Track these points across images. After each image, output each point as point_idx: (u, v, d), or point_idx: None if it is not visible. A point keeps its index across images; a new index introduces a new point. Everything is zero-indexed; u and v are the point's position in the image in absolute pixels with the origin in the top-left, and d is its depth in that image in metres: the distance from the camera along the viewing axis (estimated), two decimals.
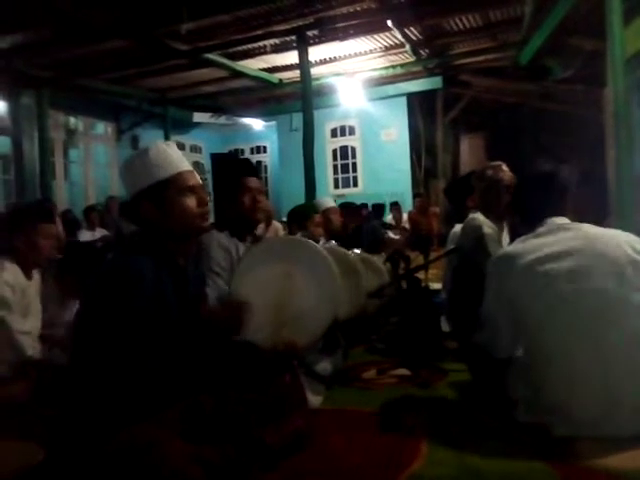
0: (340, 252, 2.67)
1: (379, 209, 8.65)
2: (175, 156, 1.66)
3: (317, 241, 3.14)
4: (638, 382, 1.73)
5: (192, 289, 1.67)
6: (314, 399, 2.26)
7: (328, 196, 9.20)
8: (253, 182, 2.29)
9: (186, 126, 11.21)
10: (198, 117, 10.79)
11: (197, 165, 12.21)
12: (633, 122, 5.31)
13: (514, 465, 1.72)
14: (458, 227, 3.23)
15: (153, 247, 1.61)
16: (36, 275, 2.54)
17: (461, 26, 6.93)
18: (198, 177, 1.71)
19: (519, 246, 1.96)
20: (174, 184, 1.61)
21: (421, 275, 3.59)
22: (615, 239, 1.87)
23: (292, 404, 1.88)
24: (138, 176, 1.61)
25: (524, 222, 2.06)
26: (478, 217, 2.81)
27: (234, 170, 2.31)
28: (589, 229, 1.93)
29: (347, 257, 2.66)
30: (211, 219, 1.78)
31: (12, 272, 2.36)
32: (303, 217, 3.34)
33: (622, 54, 4.28)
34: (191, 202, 1.63)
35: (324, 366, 2.47)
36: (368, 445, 1.95)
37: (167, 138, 9.92)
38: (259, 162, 12.64)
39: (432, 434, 1.97)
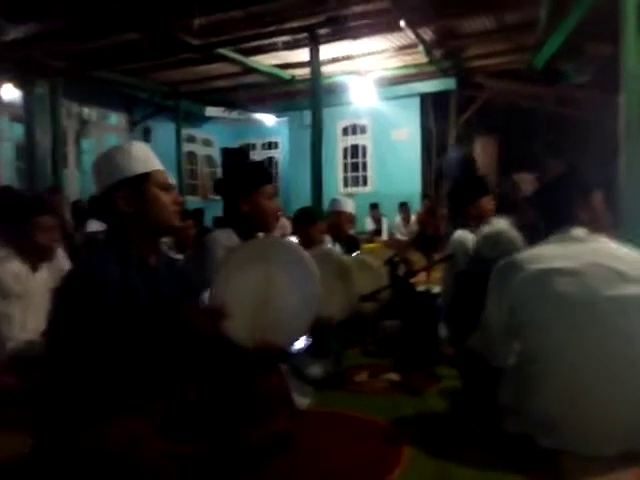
0: (329, 255, 2.67)
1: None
2: (153, 155, 1.67)
3: (317, 245, 3.13)
4: (631, 403, 1.71)
5: (166, 289, 1.66)
6: (302, 401, 2.27)
7: (339, 195, 9.25)
8: (270, 189, 2.29)
9: (198, 120, 11.25)
10: (210, 111, 10.82)
11: (208, 159, 12.27)
12: None
13: (493, 477, 1.71)
14: (459, 233, 3.20)
15: (122, 246, 1.59)
16: (44, 268, 2.51)
17: (475, 28, 6.86)
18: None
19: (525, 254, 1.93)
20: (154, 179, 1.62)
21: (422, 278, 3.57)
22: (632, 260, 1.83)
23: (277, 405, 1.88)
24: (117, 168, 1.59)
25: (546, 227, 2.02)
26: (508, 230, 2.76)
27: (251, 175, 2.30)
28: (604, 245, 1.89)
29: (338, 260, 2.65)
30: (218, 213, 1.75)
31: (16, 264, 2.36)
32: (308, 220, 3.32)
33: (636, 60, 4.22)
34: (168, 198, 1.64)
35: (314, 369, 2.48)
36: (352, 449, 1.96)
37: (179, 131, 9.98)
38: (270, 158, 12.65)
39: (416, 441, 1.97)
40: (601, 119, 7.90)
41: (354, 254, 3.54)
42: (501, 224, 2.85)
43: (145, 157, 1.63)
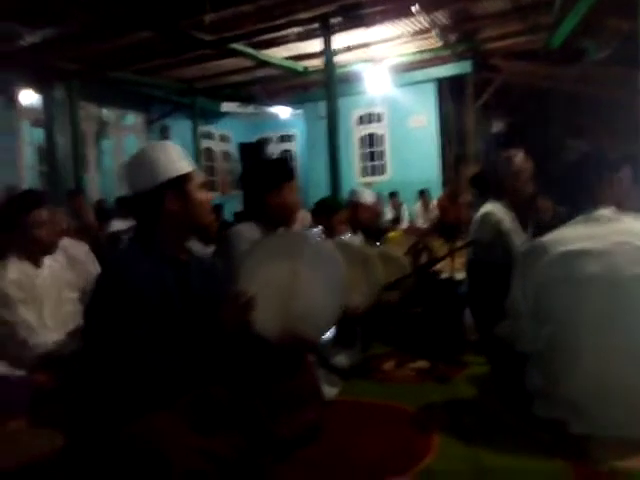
0: (351, 245, 2.66)
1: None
2: (186, 155, 1.72)
3: (338, 236, 3.13)
4: None
5: (197, 284, 1.69)
6: (330, 390, 2.28)
7: (357, 184, 9.20)
8: (295, 184, 2.35)
9: (214, 116, 11.29)
10: (226, 107, 10.85)
11: (226, 154, 12.31)
12: None
13: (526, 462, 1.70)
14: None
15: (154, 242, 1.63)
16: (48, 261, 2.47)
17: (490, 9, 6.74)
18: None
19: (551, 237, 1.90)
20: (194, 178, 1.69)
21: (447, 265, 3.54)
22: None
23: (305, 396, 1.89)
24: (162, 168, 1.63)
25: (569, 209, 1.98)
26: (494, 212, 2.75)
27: (279, 170, 2.35)
28: (629, 224, 1.85)
29: (360, 250, 2.64)
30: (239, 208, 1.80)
31: (16, 267, 2.32)
32: (328, 211, 3.32)
33: None
34: (206, 197, 1.72)
35: (341, 358, 2.49)
36: (381, 438, 1.96)
37: (195, 128, 10.03)
38: (286, 150, 12.64)
39: (446, 428, 1.97)
40: (623, 96, 7.72)
41: (376, 245, 3.52)
42: (487, 206, 2.80)
43: (183, 157, 1.69)
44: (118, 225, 6.70)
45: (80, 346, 1.76)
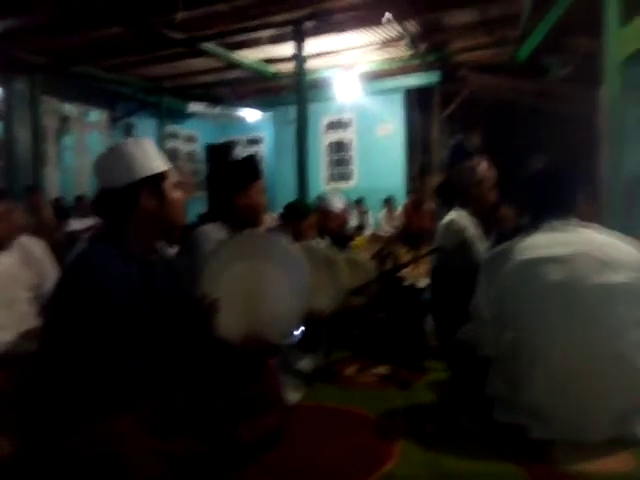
0: (318, 249, 2.65)
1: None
2: (162, 154, 1.72)
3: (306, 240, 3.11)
4: (619, 390, 1.73)
5: (161, 286, 1.66)
6: (293, 395, 2.26)
7: (324, 190, 9.22)
8: (262, 184, 2.33)
9: (181, 116, 11.12)
10: (193, 107, 10.69)
11: (191, 155, 12.15)
12: (627, 123, 5.30)
13: (486, 467, 1.72)
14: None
15: (123, 242, 1.60)
16: (2, 258, 2.38)
17: (460, 21, 6.87)
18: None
19: (514, 244, 1.94)
20: (170, 177, 1.69)
21: (410, 272, 3.57)
22: (619, 249, 1.84)
23: (267, 401, 1.87)
24: (138, 165, 1.61)
25: (532, 218, 2.02)
26: (459, 219, 2.80)
27: (247, 170, 2.33)
28: (592, 234, 1.91)
29: (326, 254, 2.64)
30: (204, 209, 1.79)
31: None
32: (297, 215, 3.30)
33: (618, 54, 4.25)
34: (180, 196, 1.71)
35: (304, 363, 2.47)
36: (343, 443, 1.95)
37: (162, 127, 9.87)
38: (254, 154, 12.55)
39: (408, 434, 1.98)
40: (582, 113, 7.99)
41: (343, 251, 3.52)
42: (452, 214, 2.87)
43: (159, 155, 1.68)
44: (76, 224, 6.53)
45: (37, 346, 1.69)
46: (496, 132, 9.66)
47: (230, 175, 2.31)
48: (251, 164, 2.39)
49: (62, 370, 1.46)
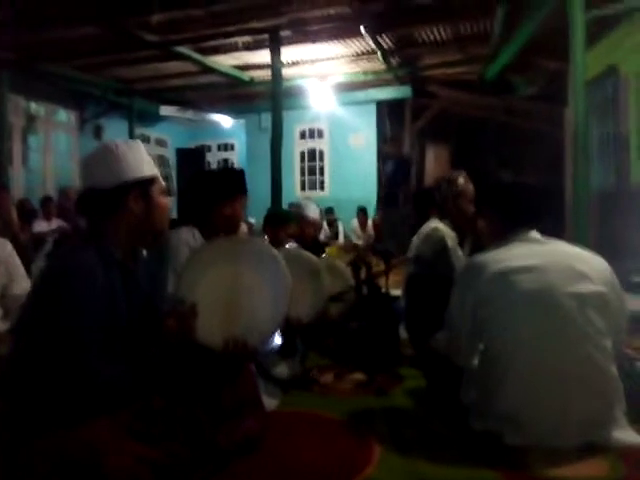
0: (301, 256, 2.66)
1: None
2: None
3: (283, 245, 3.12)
4: (591, 396, 1.79)
5: (139, 292, 1.64)
6: (270, 402, 2.25)
7: (296, 198, 9.23)
8: (245, 200, 2.34)
9: (152, 119, 10.98)
10: (165, 110, 10.57)
11: (162, 159, 11.98)
12: (591, 142, 5.51)
13: (463, 473, 1.75)
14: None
15: (105, 246, 1.57)
16: None
17: (432, 37, 7.03)
18: None
19: (489, 255, 1.99)
20: (158, 183, 1.69)
21: (382, 281, 3.61)
22: (588, 261, 1.91)
23: (246, 406, 1.86)
24: (130, 166, 1.60)
25: (501, 230, 2.08)
26: (440, 228, 2.87)
27: (232, 184, 2.33)
28: (562, 246, 1.98)
29: (309, 261, 2.65)
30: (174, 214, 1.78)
31: None
32: (276, 222, 3.32)
33: (583, 76, 4.44)
34: (165, 203, 1.72)
35: (281, 369, 2.47)
36: (321, 449, 1.95)
37: (132, 130, 9.70)
38: (225, 160, 12.50)
39: (385, 440, 1.99)
40: (547, 130, 8.27)
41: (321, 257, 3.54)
42: (433, 223, 2.94)
43: (150, 160, 1.69)
44: (42, 226, 6.35)
45: (6, 350, 1.64)
46: (465, 147, 9.89)
47: (218, 183, 2.30)
48: (240, 176, 2.40)
49: (39, 374, 1.42)
